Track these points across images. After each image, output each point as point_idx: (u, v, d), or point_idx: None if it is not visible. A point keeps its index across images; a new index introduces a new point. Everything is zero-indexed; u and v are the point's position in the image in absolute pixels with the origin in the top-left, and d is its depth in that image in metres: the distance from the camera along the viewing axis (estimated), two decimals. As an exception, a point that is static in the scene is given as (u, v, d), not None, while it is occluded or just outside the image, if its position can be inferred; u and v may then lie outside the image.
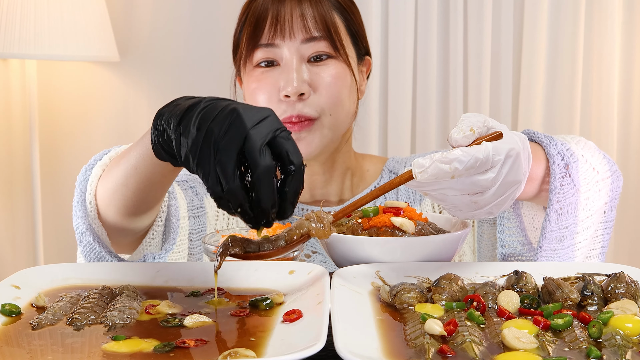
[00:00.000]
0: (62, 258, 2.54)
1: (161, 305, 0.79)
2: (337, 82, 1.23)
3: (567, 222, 1.00)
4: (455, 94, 2.21)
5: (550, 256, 1.02)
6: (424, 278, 0.85)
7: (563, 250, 1.02)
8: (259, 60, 1.24)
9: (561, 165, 0.98)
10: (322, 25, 1.22)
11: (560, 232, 1.00)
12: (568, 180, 0.98)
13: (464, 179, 0.79)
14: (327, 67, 1.23)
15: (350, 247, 0.89)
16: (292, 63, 1.21)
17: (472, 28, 2.19)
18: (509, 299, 0.77)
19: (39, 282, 0.86)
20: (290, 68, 1.21)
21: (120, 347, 0.69)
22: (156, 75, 2.46)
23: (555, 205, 0.97)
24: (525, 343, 0.67)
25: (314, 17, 1.22)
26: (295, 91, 1.19)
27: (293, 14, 1.21)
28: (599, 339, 0.68)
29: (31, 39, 2.11)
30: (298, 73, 1.20)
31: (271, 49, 1.22)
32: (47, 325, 0.75)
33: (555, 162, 0.98)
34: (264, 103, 1.23)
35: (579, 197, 0.99)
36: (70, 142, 2.51)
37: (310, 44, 1.22)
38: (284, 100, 1.21)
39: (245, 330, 0.73)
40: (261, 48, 1.23)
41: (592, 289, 0.79)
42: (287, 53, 1.22)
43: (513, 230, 1.09)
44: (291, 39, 1.21)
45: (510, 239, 1.09)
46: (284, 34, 1.21)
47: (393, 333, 0.71)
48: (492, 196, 0.81)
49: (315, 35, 1.22)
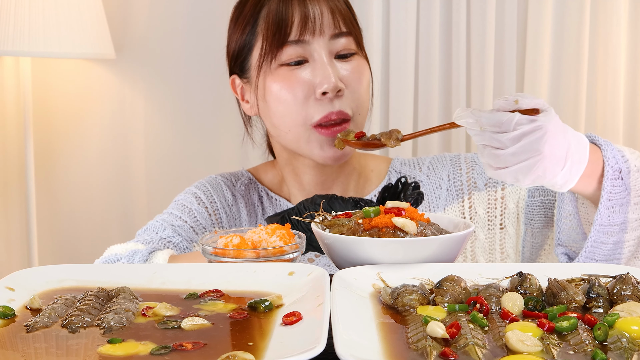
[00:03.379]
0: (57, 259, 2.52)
1: (158, 308, 0.78)
2: (363, 80, 1.24)
3: (618, 220, 1.08)
4: (457, 92, 2.20)
5: (599, 247, 1.10)
6: (426, 280, 0.85)
7: (612, 245, 1.10)
8: (290, 57, 1.21)
9: (615, 167, 1.07)
10: (348, 20, 1.22)
11: (611, 228, 1.08)
12: (620, 183, 1.07)
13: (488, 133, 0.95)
14: (353, 63, 1.24)
15: (350, 248, 0.88)
16: (325, 59, 1.20)
17: (475, 25, 2.18)
18: (513, 301, 0.77)
19: (33, 284, 0.85)
20: (324, 64, 1.20)
21: (117, 350, 0.68)
22: (153, 72, 2.45)
23: (607, 202, 1.06)
24: (529, 346, 0.66)
25: (340, 11, 1.22)
26: (333, 87, 1.18)
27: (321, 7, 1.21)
28: (604, 342, 0.68)
29: (25, 36, 2.10)
30: (333, 69, 1.20)
31: (301, 45, 1.20)
32: (42, 328, 0.74)
33: (609, 163, 1.06)
34: (295, 102, 1.21)
35: (630, 200, 1.08)
36: (66, 140, 2.50)
37: (338, 40, 1.22)
38: (319, 99, 1.20)
39: (243, 333, 0.73)
40: (290, 45, 1.20)
41: (598, 290, 0.79)
42: (317, 49, 1.20)
43: (570, 218, 1.16)
44: (321, 35, 1.20)
45: (566, 226, 1.17)
46: (315, 29, 1.20)
47: (394, 336, 0.71)
48: (512, 156, 0.94)
49: (343, 31, 1.22)
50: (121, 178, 2.51)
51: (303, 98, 1.20)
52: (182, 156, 2.48)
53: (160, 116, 2.47)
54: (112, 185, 2.52)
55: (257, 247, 0.91)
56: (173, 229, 1.26)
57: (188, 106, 2.46)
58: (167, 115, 2.47)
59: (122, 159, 2.50)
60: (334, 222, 0.95)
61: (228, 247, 0.91)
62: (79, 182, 2.52)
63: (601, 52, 2.21)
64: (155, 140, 2.48)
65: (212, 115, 2.45)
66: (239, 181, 1.37)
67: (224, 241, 0.92)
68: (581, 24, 2.17)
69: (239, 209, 1.33)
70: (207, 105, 2.45)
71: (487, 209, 1.31)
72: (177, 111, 2.46)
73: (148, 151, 2.49)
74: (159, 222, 1.28)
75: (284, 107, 1.22)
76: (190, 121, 2.46)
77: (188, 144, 2.47)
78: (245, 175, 1.39)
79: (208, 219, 1.30)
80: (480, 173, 1.33)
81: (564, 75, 2.21)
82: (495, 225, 1.30)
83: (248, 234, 0.93)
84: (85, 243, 2.55)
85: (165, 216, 1.30)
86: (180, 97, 2.46)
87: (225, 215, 1.32)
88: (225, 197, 1.33)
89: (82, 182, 2.52)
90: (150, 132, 2.48)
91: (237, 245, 0.91)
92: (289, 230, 0.93)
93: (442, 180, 1.33)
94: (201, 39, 2.42)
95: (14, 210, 2.50)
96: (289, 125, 1.23)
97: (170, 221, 1.28)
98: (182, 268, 0.89)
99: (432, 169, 1.35)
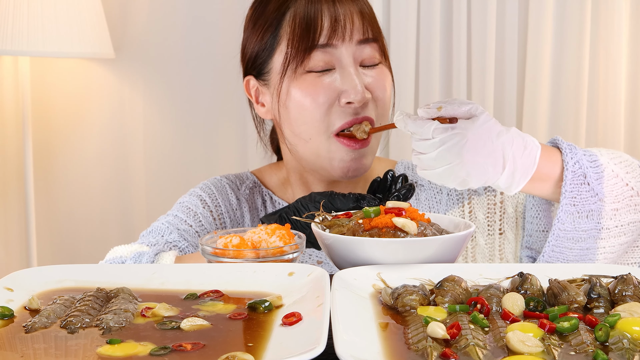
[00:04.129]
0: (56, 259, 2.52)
1: (157, 308, 0.78)
2: (387, 90, 1.23)
3: (587, 227, 1.08)
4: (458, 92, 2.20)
5: (562, 252, 1.10)
6: (427, 280, 0.85)
7: (580, 251, 1.10)
8: (316, 65, 1.18)
9: (578, 172, 1.07)
10: (376, 27, 1.21)
11: (577, 234, 1.08)
12: (587, 188, 1.07)
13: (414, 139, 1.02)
14: (378, 72, 1.23)
15: (351, 248, 0.88)
16: (352, 67, 1.19)
17: (476, 26, 2.18)
18: (514, 301, 0.77)
19: (32, 284, 0.85)
20: (351, 73, 1.18)
21: (116, 350, 0.68)
22: (152, 72, 2.45)
23: (570, 208, 1.07)
24: (530, 347, 0.66)
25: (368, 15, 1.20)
26: (361, 98, 1.17)
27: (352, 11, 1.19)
28: (605, 343, 0.68)
29: (24, 36, 2.09)
30: (360, 79, 1.18)
31: (328, 50, 1.18)
32: (41, 329, 0.74)
33: (569, 168, 1.07)
34: (318, 109, 1.18)
35: (603, 206, 1.07)
36: (65, 140, 2.50)
37: (364, 46, 1.20)
38: (343, 107, 1.18)
39: (243, 333, 0.72)
40: (318, 49, 1.17)
41: (599, 291, 0.79)
42: (345, 57, 1.19)
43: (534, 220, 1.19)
44: (350, 40, 1.18)
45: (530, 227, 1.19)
46: (345, 33, 1.17)
47: (395, 336, 0.71)
48: (433, 161, 0.99)
49: (369, 37, 1.20)
50: (120, 178, 2.51)
51: (327, 105, 1.18)
52: (181, 156, 2.48)
53: (160, 116, 2.47)
54: (111, 184, 2.51)
55: (256, 247, 0.91)
56: (179, 233, 1.25)
57: (187, 106, 2.46)
58: (166, 115, 2.47)
59: (121, 159, 2.50)
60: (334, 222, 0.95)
61: (228, 247, 0.90)
62: (78, 181, 2.52)
63: (602, 52, 2.20)
64: (155, 140, 2.48)
65: (211, 115, 2.45)
66: (243, 184, 1.36)
67: (224, 241, 0.91)
68: (582, 23, 2.17)
69: (243, 213, 1.32)
70: (206, 105, 2.44)
71: (487, 214, 1.31)
72: (177, 111, 2.46)
73: (147, 151, 2.49)
74: (164, 225, 1.26)
75: (307, 114, 1.19)
76: (189, 121, 2.46)
77: (187, 144, 2.47)
78: (250, 179, 1.37)
79: (212, 223, 1.29)
80: None
81: (564, 75, 2.20)
82: (495, 231, 1.30)
83: (248, 234, 0.92)
84: (84, 243, 2.54)
85: (171, 218, 1.28)
86: (180, 96, 2.45)
87: (229, 220, 1.31)
88: (230, 201, 1.32)
89: (81, 181, 2.52)
90: (150, 131, 2.48)
91: (236, 245, 0.90)
92: (288, 230, 0.93)
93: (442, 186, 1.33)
94: (200, 39, 2.42)
95: (13, 211, 2.50)
96: (310, 134, 1.20)
97: (176, 224, 1.27)
98: (181, 268, 0.89)
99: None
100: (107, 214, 2.53)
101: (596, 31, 2.20)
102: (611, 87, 2.20)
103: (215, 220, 1.29)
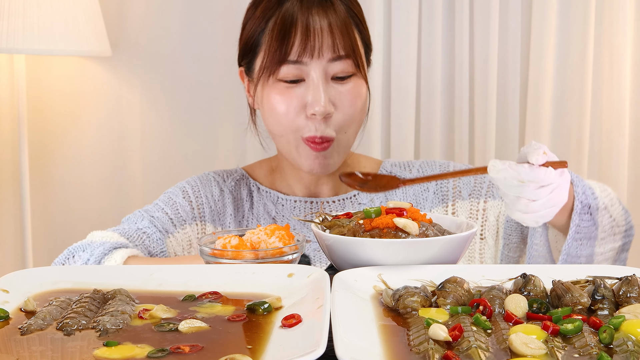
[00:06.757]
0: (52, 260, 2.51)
1: (155, 310, 0.78)
2: (357, 101, 1.28)
3: (585, 253, 1.15)
4: (460, 96, 2.18)
5: None
6: (428, 281, 0.85)
7: None
8: (286, 76, 1.25)
9: (585, 203, 1.13)
10: (347, 44, 1.25)
11: (578, 259, 1.15)
12: (588, 217, 1.13)
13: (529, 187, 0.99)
14: (349, 85, 1.27)
15: (351, 249, 0.87)
16: (320, 82, 1.24)
17: (478, 27, 2.17)
18: (517, 303, 0.77)
19: (28, 286, 0.85)
20: (317, 88, 1.24)
21: (113, 353, 0.67)
22: (149, 70, 2.44)
23: (575, 235, 1.12)
24: (533, 349, 0.66)
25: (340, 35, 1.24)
26: (323, 111, 1.23)
27: (322, 30, 1.23)
28: (610, 345, 0.68)
29: (20, 33, 2.08)
30: (325, 93, 1.24)
31: (298, 66, 1.24)
32: (37, 331, 0.73)
33: (579, 199, 1.12)
34: (287, 115, 1.26)
35: (597, 235, 1.15)
36: (61, 139, 2.49)
37: (336, 63, 1.25)
38: (308, 118, 1.25)
39: (242, 335, 0.72)
40: (288, 64, 1.24)
41: (603, 292, 0.78)
42: (314, 72, 1.24)
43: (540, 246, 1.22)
44: (320, 57, 1.23)
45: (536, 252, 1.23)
46: (314, 52, 1.23)
47: (396, 338, 0.70)
48: (540, 206, 1.00)
49: (341, 55, 1.24)
50: (117, 177, 2.50)
51: (295, 113, 1.25)
52: (179, 154, 2.47)
53: (157, 114, 2.46)
54: (108, 184, 2.51)
55: (255, 248, 0.90)
56: (150, 220, 1.31)
57: (185, 104, 2.45)
58: (163, 113, 2.46)
59: (118, 158, 2.49)
60: (334, 222, 0.94)
61: (226, 248, 0.90)
62: (74, 181, 2.51)
63: (606, 55, 2.19)
64: (152, 138, 2.47)
65: (209, 113, 2.44)
66: (230, 177, 1.42)
67: (222, 242, 0.91)
68: (586, 22, 2.15)
69: (225, 204, 1.38)
70: (203, 103, 2.44)
71: (469, 219, 1.36)
72: (174, 109, 2.45)
73: (144, 149, 2.48)
74: (140, 212, 1.33)
75: (279, 117, 1.27)
76: (187, 119, 2.45)
77: (185, 142, 2.46)
78: (238, 172, 1.44)
79: (190, 212, 1.35)
80: (466, 183, 1.37)
81: (568, 75, 2.19)
82: (476, 235, 1.36)
83: (247, 235, 0.92)
84: (81, 242, 2.53)
85: (150, 206, 1.36)
86: (177, 95, 2.45)
87: (209, 210, 1.36)
88: (212, 192, 1.38)
89: (77, 181, 2.51)
90: (147, 130, 2.47)
91: (235, 246, 0.90)
92: (288, 230, 0.92)
93: (430, 183, 1.38)
94: (198, 37, 2.41)
95: (8, 210, 2.49)
96: (281, 132, 1.29)
97: (152, 212, 1.33)
98: (179, 270, 0.88)
99: (422, 172, 1.40)
100: (104, 213, 2.52)
101: (600, 31, 2.19)
102: (615, 88, 2.19)
103: (193, 209, 1.36)
